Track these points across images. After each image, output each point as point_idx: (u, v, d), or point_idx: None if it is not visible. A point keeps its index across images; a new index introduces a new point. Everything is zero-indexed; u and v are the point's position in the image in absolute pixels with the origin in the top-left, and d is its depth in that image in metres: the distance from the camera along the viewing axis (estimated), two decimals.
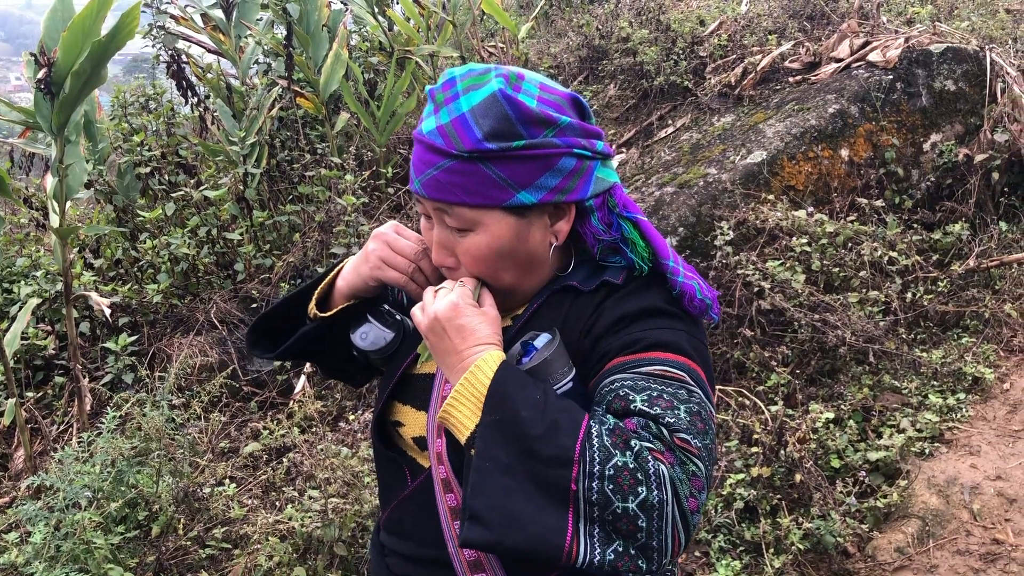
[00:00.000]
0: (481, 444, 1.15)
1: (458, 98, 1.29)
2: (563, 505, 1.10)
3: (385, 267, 1.45)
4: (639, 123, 5.77)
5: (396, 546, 1.51)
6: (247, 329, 1.64)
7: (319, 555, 3.21)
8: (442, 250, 1.36)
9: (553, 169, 1.29)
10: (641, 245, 1.37)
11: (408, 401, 1.48)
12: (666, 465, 1.12)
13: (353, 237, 4.53)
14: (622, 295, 1.35)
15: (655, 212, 4.59)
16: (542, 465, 1.11)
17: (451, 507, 1.37)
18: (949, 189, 4.91)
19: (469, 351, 1.25)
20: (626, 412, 1.19)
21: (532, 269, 1.38)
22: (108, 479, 3.29)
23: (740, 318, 4.15)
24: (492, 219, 1.30)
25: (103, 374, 4.29)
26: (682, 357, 1.27)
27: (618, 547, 1.09)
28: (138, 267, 4.86)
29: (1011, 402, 3.86)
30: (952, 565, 3.27)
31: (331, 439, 3.68)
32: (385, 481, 1.55)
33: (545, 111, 1.28)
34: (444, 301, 1.29)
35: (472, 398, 1.20)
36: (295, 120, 5.61)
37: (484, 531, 1.11)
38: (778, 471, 3.39)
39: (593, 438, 1.12)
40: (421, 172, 1.31)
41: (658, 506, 1.09)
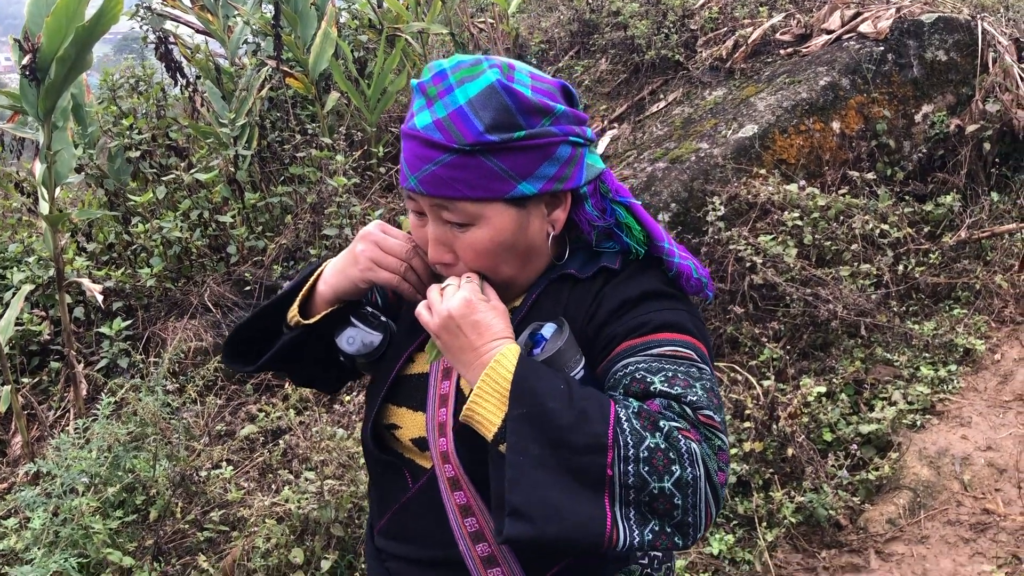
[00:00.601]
0: (513, 439, 1.14)
1: (452, 91, 1.26)
2: (599, 492, 1.11)
3: (377, 268, 1.42)
4: (631, 98, 5.75)
5: (398, 550, 1.49)
6: (224, 342, 1.59)
7: (316, 536, 3.24)
8: (439, 246, 1.34)
9: (551, 158, 1.29)
10: (637, 229, 1.38)
11: (403, 403, 1.47)
12: (695, 442, 1.13)
13: (345, 218, 4.53)
14: (620, 280, 1.36)
15: (647, 188, 4.58)
16: (575, 454, 1.12)
17: (460, 505, 1.36)
18: (941, 160, 4.91)
19: (486, 347, 1.24)
20: (647, 394, 1.20)
21: (531, 260, 1.38)
22: (105, 464, 3.30)
23: (732, 293, 4.16)
24: (494, 212, 1.29)
25: (98, 359, 4.30)
26: (688, 336, 1.29)
27: (654, 526, 1.11)
28: (131, 251, 4.86)
29: (1002, 373, 3.88)
30: (943, 535, 3.30)
31: (326, 420, 3.70)
32: (383, 486, 1.52)
33: (541, 100, 1.27)
34: (457, 298, 1.26)
35: (496, 393, 1.19)
36: (285, 100, 5.58)
37: (526, 525, 1.10)
38: (770, 445, 3.42)
39: (623, 422, 1.12)
40: (417, 168, 1.28)
41: (692, 483, 1.10)
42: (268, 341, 1.55)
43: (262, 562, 3.15)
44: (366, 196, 5.20)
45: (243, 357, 1.58)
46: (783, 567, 3.25)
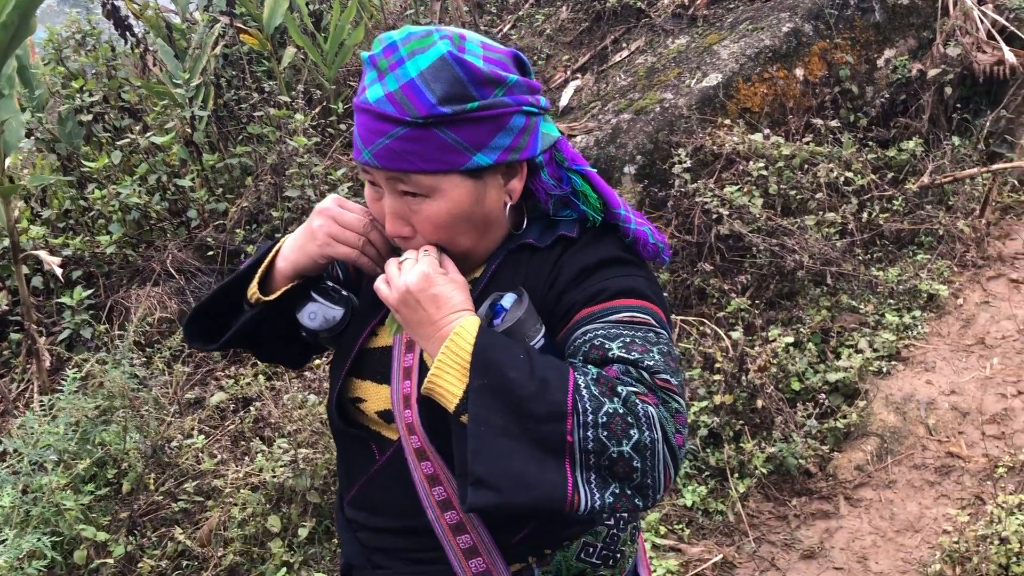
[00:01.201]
0: (474, 410, 1.16)
1: (403, 63, 1.25)
2: (560, 458, 1.13)
3: (335, 243, 1.41)
4: (593, 47, 5.68)
5: (368, 521, 1.50)
6: (184, 322, 1.58)
7: (292, 504, 3.24)
8: (396, 220, 1.33)
9: (505, 128, 1.28)
10: (593, 197, 1.39)
11: (367, 376, 1.47)
12: (652, 406, 1.15)
13: (307, 179, 4.45)
14: (578, 248, 1.36)
15: (613, 140, 4.55)
16: (537, 422, 1.13)
17: (427, 475, 1.38)
18: (903, 105, 4.93)
19: (446, 319, 1.24)
20: (605, 360, 1.21)
21: (488, 230, 1.38)
22: (74, 439, 3.26)
23: (699, 245, 4.18)
24: (450, 184, 1.28)
25: (60, 330, 4.22)
26: (645, 302, 1.30)
27: (615, 489, 1.13)
28: (88, 217, 4.74)
29: (964, 317, 3.95)
30: (909, 479, 3.38)
31: (297, 387, 3.68)
32: (350, 458, 1.53)
33: (494, 71, 1.26)
34: (415, 272, 1.26)
35: (456, 365, 1.20)
36: (240, 57, 5.44)
37: (490, 494, 1.12)
38: (740, 397, 3.46)
39: (582, 389, 1.14)
40: (370, 142, 1.27)
41: (650, 446, 1.13)
42: (229, 318, 1.54)
43: (239, 531, 3.15)
44: (327, 154, 5.11)
45: (205, 335, 1.57)
46: (755, 516, 3.32)
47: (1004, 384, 3.60)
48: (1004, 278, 4.11)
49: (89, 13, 6.88)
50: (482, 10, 6.38)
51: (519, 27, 6.16)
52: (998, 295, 4.02)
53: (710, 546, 3.20)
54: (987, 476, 3.28)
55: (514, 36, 6.06)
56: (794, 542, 3.21)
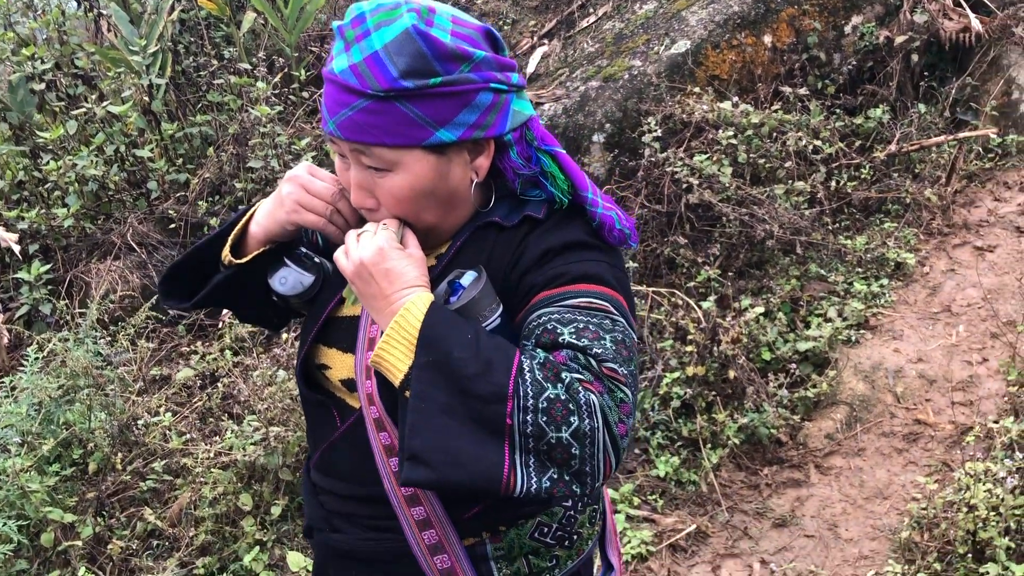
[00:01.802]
0: (417, 386, 1.16)
1: (369, 35, 1.25)
2: (499, 439, 1.13)
3: (302, 211, 1.42)
4: (560, 12, 5.60)
5: (330, 486, 1.52)
6: (159, 279, 1.61)
7: (264, 482, 3.21)
8: (361, 191, 1.33)
9: (471, 105, 1.28)
10: (560, 178, 1.38)
11: (333, 344, 1.48)
12: (595, 394, 1.15)
13: (270, 148, 4.35)
14: (544, 229, 1.36)
15: (581, 108, 4.51)
16: (478, 402, 1.13)
17: (385, 445, 1.39)
18: (870, 72, 4.93)
19: (397, 294, 1.25)
20: (555, 345, 1.21)
21: (453, 207, 1.37)
22: (37, 420, 3.19)
23: (669, 215, 4.16)
24: (412, 159, 1.28)
25: (18, 306, 4.11)
26: (605, 288, 1.30)
27: (553, 475, 1.14)
28: (44, 189, 4.60)
29: (931, 285, 3.99)
30: (878, 447, 3.43)
31: (266, 362, 3.62)
32: (314, 423, 1.56)
33: (460, 46, 1.26)
34: (370, 245, 1.27)
35: (404, 341, 1.20)
36: (198, 23, 5.29)
37: (425, 471, 1.13)
38: (712, 367, 3.47)
39: (525, 373, 1.14)
40: (335, 113, 1.28)
41: (590, 434, 1.13)
42: (205, 279, 1.56)
43: (210, 510, 3.11)
44: (290, 123, 5.01)
45: (180, 293, 1.59)
46: (727, 486, 3.35)
47: (970, 351, 3.65)
48: (969, 246, 4.15)
49: None
50: None
51: None
52: (963, 263, 4.07)
53: (683, 516, 3.23)
54: (954, 443, 3.33)
55: (479, 0, 5.96)
56: (766, 511, 3.25)
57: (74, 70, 4.96)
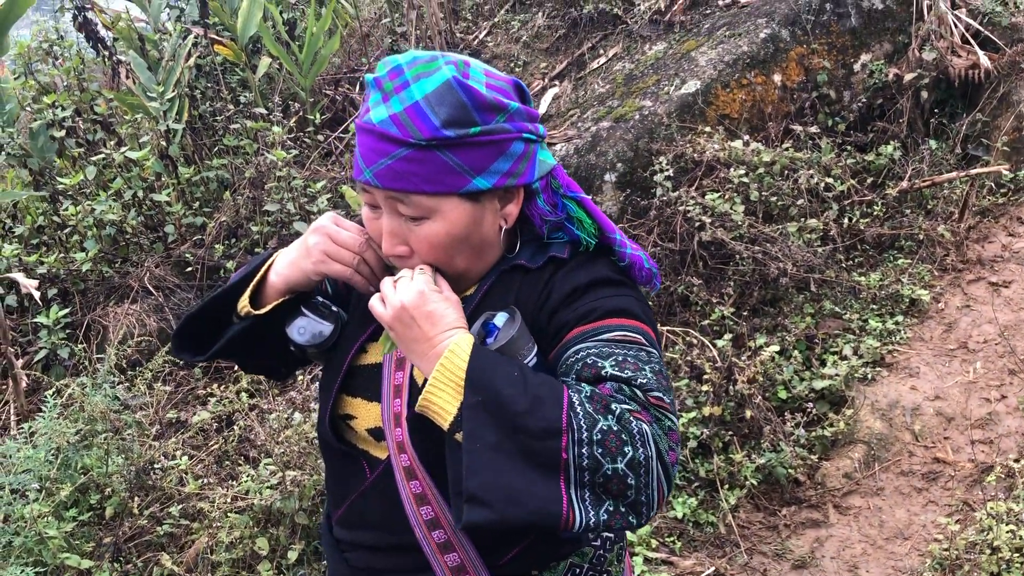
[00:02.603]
0: (469, 426, 1.16)
1: (408, 86, 1.28)
2: (555, 474, 1.13)
3: (330, 261, 1.42)
4: (570, 54, 5.66)
5: (358, 538, 1.51)
6: (173, 333, 1.60)
7: (280, 526, 3.20)
8: (394, 239, 1.35)
9: (505, 154, 1.31)
10: (588, 222, 1.42)
11: (358, 393, 1.48)
12: (646, 423, 1.16)
13: (286, 192, 4.40)
14: (570, 268, 1.39)
15: (592, 148, 4.54)
16: (531, 439, 1.14)
17: (416, 493, 1.39)
18: (880, 109, 4.96)
19: (440, 336, 1.26)
20: (598, 378, 1.23)
21: (483, 252, 1.40)
22: (55, 465, 3.20)
23: (682, 253, 4.18)
24: (449, 206, 1.31)
25: (36, 350, 4.14)
26: (636, 321, 1.32)
27: (609, 506, 1.14)
28: (63, 233, 4.66)
29: (946, 322, 3.98)
30: (897, 486, 3.40)
31: (282, 405, 3.63)
32: (338, 476, 1.54)
33: (496, 97, 1.30)
34: (411, 289, 1.28)
35: (451, 383, 1.21)
36: (214, 68, 5.37)
37: (485, 511, 1.13)
38: (728, 407, 3.46)
39: (576, 407, 1.15)
40: (372, 162, 1.29)
41: (644, 463, 1.14)
42: (219, 330, 1.56)
43: (227, 555, 3.10)
44: (305, 165, 5.06)
45: (194, 346, 1.58)
46: (746, 527, 3.32)
47: (988, 388, 3.63)
48: (984, 281, 4.14)
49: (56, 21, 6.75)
50: (457, 16, 6.35)
51: (495, 34, 6.14)
52: (979, 299, 4.06)
53: (702, 558, 3.20)
54: (975, 482, 3.30)
55: (490, 43, 6.04)
56: (785, 552, 3.22)
57: (93, 116, 5.04)
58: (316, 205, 4.43)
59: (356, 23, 6.19)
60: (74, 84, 5.17)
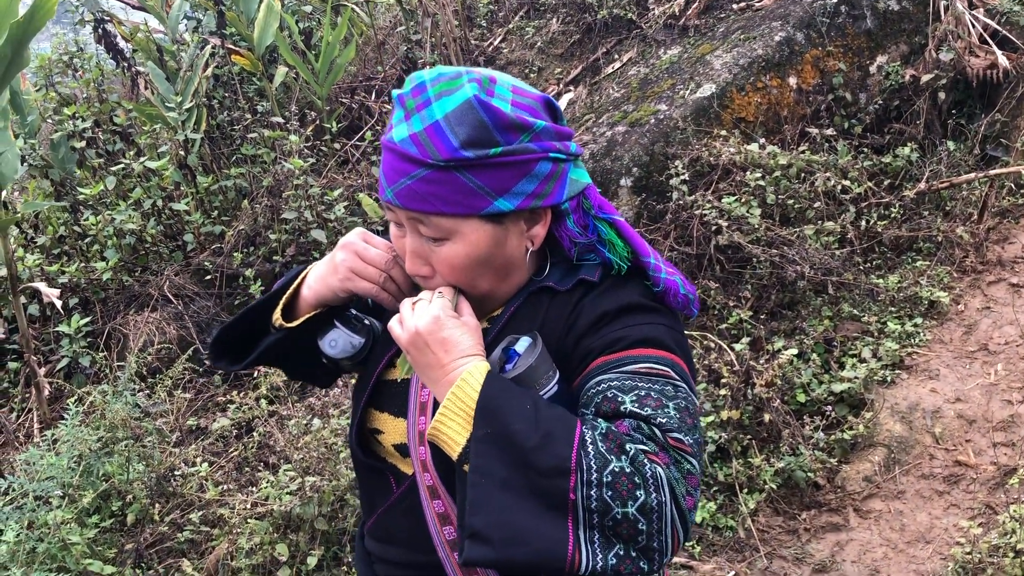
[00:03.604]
0: (476, 460, 1.14)
1: (430, 104, 1.25)
2: (562, 515, 1.10)
3: (356, 278, 1.41)
4: (585, 59, 5.67)
5: (384, 553, 1.50)
6: (209, 342, 1.60)
7: (300, 532, 3.21)
8: (416, 259, 1.33)
9: (530, 175, 1.27)
10: (620, 245, 1.37)
11: (385, 408, 1.47)
12: (662, 466, 1.12)
13: (303, 200, 4.43)
14: (600, 292, 1.35)
15: (608, 153, 4.55)
16: (539, 476, 1.11)
17: (439, 513, 1.37)
18: (897, 111, 4.93)
19: (453, 364, 1.23)
20: (616, 414, 1.18)
21: (508, 274, 1.36)
22: (77, 472, 3.23)
23: (699, 257, 4.17)
24: (470, 228, 1.27)
25: (58, 359, 4.18)
26: (665, 352, 1.27)
27: (619, 551, 1.10)
28: (84, 243, 4.71)
29: (966, 324, 3.95)
30: (918, 490, 3.37)
31: (301, 411, 3.65)
32: (368, 488, 1.54)
33: (521, 116, 1.25)
34: (425, 314, 1.25)
35: (461, 412, 1.18)
36: (231, 78, 5.42)
37: (486, 549, 1.10)
38: (746, 411, 3.45)
39: (588, 445, 1.11)
40: (394, 181, 1.27)
41: (657, 508, 1.09)
42: (254, 340, 1.55)
43: (247, 561, 3.12)
44: (322, 173, 5.09)
45: (230, 356, 1.58)
46: (765, 531, 3.31)
47: (1009, 390, 3.60)
48: (1004, 283, 4.11)
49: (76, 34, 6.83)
50: (472, 24, 6.37)
51: (510, 40, 6.16)
52: (999, 300, 4.03)
53: (721, 563, 3.19)
54: (997, 485, 3.27)
55: (505, 49, 6.06)
56: (805, 556, 3.20)
57: (112, 127, 5.10)
58: (333, 212, 4.46)
59: (371, 32, 6.22)
60: (94, 95, 5.23)
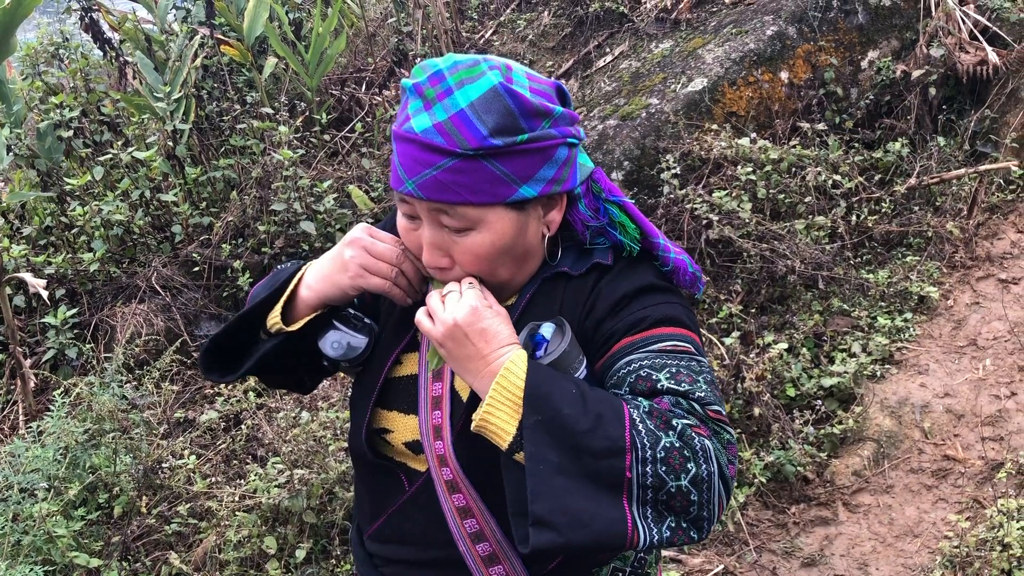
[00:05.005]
0: (531, 447, 1.14)
1: (452, 93, 1.23)
2: (618, 494, 1.12)
3: (367, 275, 1.38)
4: (576, 52, 5.66)
5: (394, 554, 1.48)
6: (199, 354, 1.54)
7: (288, 525, 3.20)
8: (435, 251, 1.31)
9: (551, 160, 1.28)
10: (631, 227, 1.38)
11: (393, 407, 1.44)
12: (707, 438, 1.16)
13: (293, 191, 4.40)
14: (614, 275, 1.36)
15: (599, 147, 4.54)
16: (594, 459, 1.13)
17: (459, 507, 1.37)
18: (888, 106, 4.94)
19: (495, 354, 1.23)
20: (654, 392, 1.21)
21: (526, 261, 1.37)
22: (63, 464, 3.20)
23: (690, 251, 4.16)
24: (495, 216, 1.27)
25: (44, 350, 4.14)
26: (685, 330, 1.30)
27: (671, 523, 1.14)
28: (70, 234, 4.67)
29: (955, 319, 3.96)
30: (907, 484, 3.38)
31: (289, 404, 3.63)
32: (374, 490, 1.51)
33: (542, 102, 1.26)
34: (462, 306, 1.24)
35: (509, 402, 1.19)
36: (220, 68, 5.38)
37: (552, 535, 1.11)
38: (736, 405, 3.45)
39: (638, 424, 1.14)
40: (415, 173, 1.24)
41: (707, 479, 1.13)
42: (246, 347, 1.51)
43: (235, 553, 3.10)
44: (311, 165, 5.06)
45: (222, 366, 1.52)
46: (755, 525, 3.31)
47: (998, 385, 3.61)
48: (993, 278, 4.12)
49: (62, 23, 6.77)
50: (464, 16, 6.35)
51: (501, 33, 6.14)
52: (988, 295, 4.04)
53: (711, 557, 3.19)
54: (985, 479, 3.28)
55: (496, 42, 6.04)
56: (794, 550, 3.20)
57: (100, 117, 5.05)
58: (323, 204, 4.44)
59: (362, 23, 6.19)
60: (81, 85, 5.18)
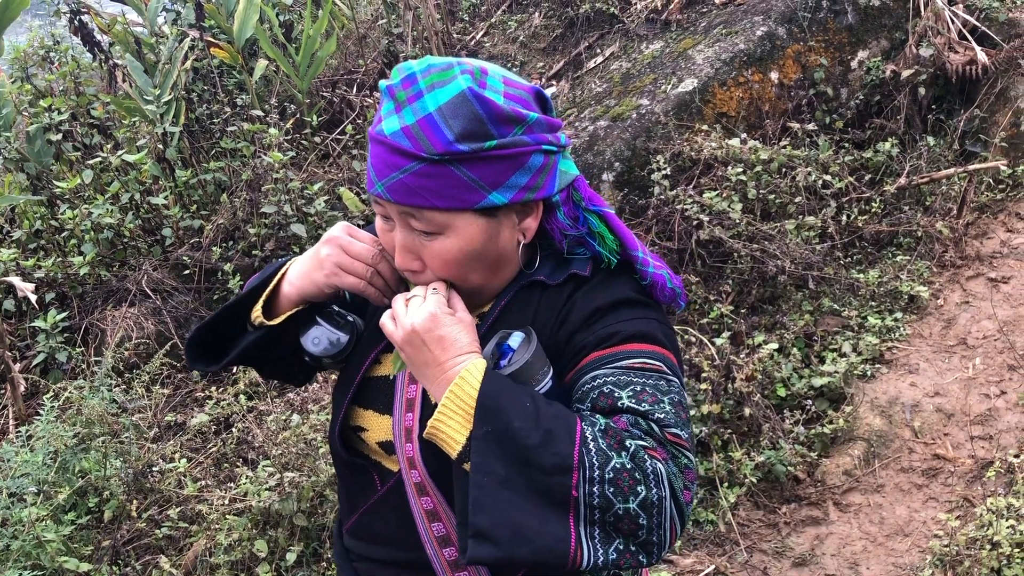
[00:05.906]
0: (477, 458, 1.13)
1: (422, 96, 1.22)
2: (564, 512, 1.11)
3: (343, 273, 1.38)
4: (567, 53, 5.66)
5: (367, 552, 1.48)
6: (185, 344, 1.56)
7: (279, 528, 3.19)
8: (407, 254, 1.31)
9: (523, 168, 1.26)
10: (610, 238, 1.36)
11: (369, 405, 1.44)
12: (661, 462, 1.13)
13: (283, 194, 4.39)
14: (591, 287, 1.34)
15: (590, 148, 4.54)
16: (541, 474, 1.11)
17: (427, 510, 1.36)
18: (878, 106, 4.95)
19: (451, 362, 1.22)
20: (613, 410, 1.19)
21: (500, 268, 1.35)
22: (53, 468, 3.19)
23: (680, 252, 4.17)
24: (463, 222, 1.26)
25: (34, 354, 4.13)
26: (658, 347, 1.27)
27: (619, 545, 1.11)
28: (60, 237, 4.66)
29: (945, 318, 3.97)
30: (897, 483, 3.39)
31: (280, 407, 3.62)
32: (349, 487, 1.51)
33: (514, 108, 1.24)
34: (422, 311, 1.23)
35: (460, 411, 1.17)
36: (210, 71, 5.37)
37: (491, 548, 1.10)
38: (727, 405, 3.45)
39: (589, 442, 1.12)
40: (384, 175, 1.24)
41: (657, 503, 1.10)
42: (232, 339, 1.52)
43: (225, 557, 3.09)
44: (302, 167, 5.06)
45: (207, 357, 1.54)
46: (746, 525, 3.31)
47: (987, 384, 3.62)
48: (983, 277, 4.14)
49: (52, 26, 6.75)
50: (454, 17, 6.35)
51: (492, 34, 6.14)
52: (978, 295, 4.05)
53: (702, 557, 3.19)
54: (974, 478, 3.29)
55: (487, 44, 6.04)
56: (785, 550, 3.21)
57: (90, 120, 5.04)
58: (313, 207, 4.43)
59: (353, 25, 6.19)
60: (71, 88, 5.17)
